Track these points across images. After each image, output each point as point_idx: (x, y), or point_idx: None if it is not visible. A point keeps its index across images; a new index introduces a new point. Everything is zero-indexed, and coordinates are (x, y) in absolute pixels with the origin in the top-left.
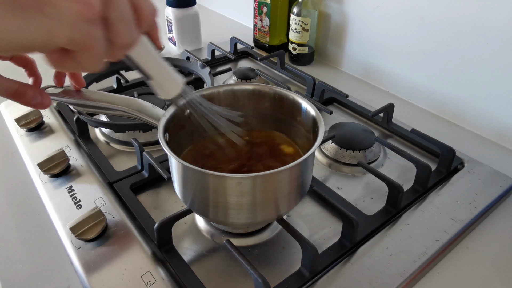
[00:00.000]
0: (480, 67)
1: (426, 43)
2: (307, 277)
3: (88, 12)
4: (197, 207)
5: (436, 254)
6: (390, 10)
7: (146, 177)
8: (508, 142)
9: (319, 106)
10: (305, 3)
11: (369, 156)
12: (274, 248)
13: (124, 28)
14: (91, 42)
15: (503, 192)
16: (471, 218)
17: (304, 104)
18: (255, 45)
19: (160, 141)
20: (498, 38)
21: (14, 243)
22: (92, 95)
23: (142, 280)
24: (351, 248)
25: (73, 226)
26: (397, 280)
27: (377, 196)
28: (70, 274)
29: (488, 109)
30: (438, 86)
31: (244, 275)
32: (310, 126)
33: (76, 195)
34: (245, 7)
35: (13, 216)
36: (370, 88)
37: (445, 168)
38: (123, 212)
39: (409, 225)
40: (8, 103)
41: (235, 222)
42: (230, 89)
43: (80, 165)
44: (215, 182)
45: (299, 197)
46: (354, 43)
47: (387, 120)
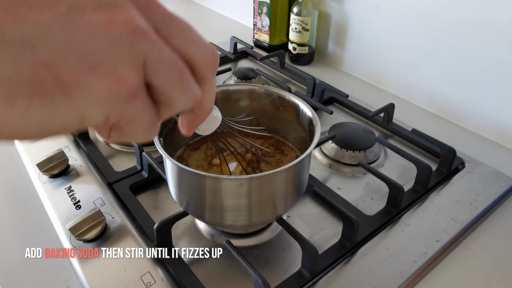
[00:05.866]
0: (481, 67)
1: (427, 43)
2: (307, 278)
3: (123, 89)
4: (193, 209)
5: (437, 254)
6: (390, 10)
7: (146, 177)
8: (508, 142)
9: (319, 106)
10: (305, 2)
11: (370, 156)
12: (274, 248)
13: (174, 91)
14: (131, 117)
15: (504, 193)
16: (471, 218)
17: (300, 105)
18: (255, 45)
19: (156, 144)
20: (498, 38)
21: (14, 243)
22: None
23: (141, 281)
24: (352, 249)
25: (72, 227)
26: (398, 281)
27: (378, 196)
28: (70, 275)
29: (489, 109)
30: (439, 86)
31: (244, 276)
32: (306, 127)
33: (76, 196)
34: (245, 6)
35: (12, 216)
36: (371, 88)
37: (445, 168)
38: (122, 213)
39: (409, 226)
40: None
41: (232, 224)
42: (226, 90)
43: (80, 165)
44: (210, 184)
45: (296, 198)
46: (355, 43)
47: (387, 120)
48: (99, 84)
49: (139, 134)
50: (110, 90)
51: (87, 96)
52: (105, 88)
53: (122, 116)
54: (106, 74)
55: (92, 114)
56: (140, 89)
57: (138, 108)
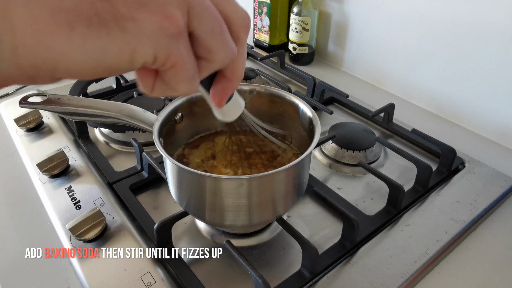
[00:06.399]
0: (481, 67)
1: (427, 43)
2: (307, 278)
3: (170, 26)
4: (193, 209)
5: (437, 254)
6: (390, 10)
7: (146, 177)
8: (509, 142)
9: (319, 106)
10: (305, 2)
11: (370, 156)
12: (274, 248)
13: (215, 42)
14: (175, 58)
15: (504, 192)
16: (472, 218)
17: (300, 105)
18: (255, 45)
19: (156, 144)
20: (498, 38)
21: (14, 244)
22: (80, 102)
23: (141, 281)
24: (352, 249)
25: (72, 227)
26: (398, 281)
27: (378, 196)
28: (70, 275)
29: (489, 108)
30: (439, 86)
31: (244, 276)
32: (307, 127)
33: (76, 196)
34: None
35: (12, 216)
36: (371, 88)
37: (446, 168)
38: (122, 213)
39: (409, 226)
40: (7, 103)
41: (232, 224)
42: None
43: (80, 165)
44: (211, 184)
45: (296, 198)
46: (355, 43)
47: (387, 120)
48: (149, 19)
49: (181, 82)
50: (159, 25)
51: (138, 30)
52: (154, 23)
53: (168, 55)
54: (155, 11)
55: (142, 49)
56: (185, 30)
57: (182, 49)
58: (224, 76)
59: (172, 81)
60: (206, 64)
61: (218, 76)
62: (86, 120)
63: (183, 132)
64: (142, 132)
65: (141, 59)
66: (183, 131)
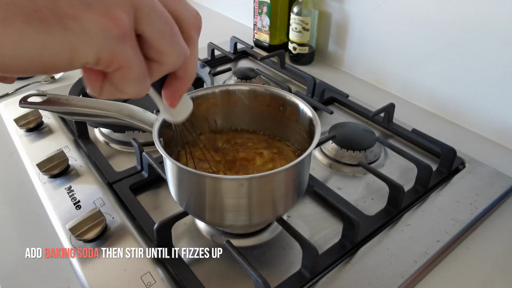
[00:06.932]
0: (481, 67)
1: (427, 43)
2: (307, 278)
3: (114, 27)
4: (193, 209)
5: (437, 254)
6: (391, 10)
7: (146, 177)
8: (509, 142)
9: (320, 106)
10: (305, 2)
11: (370, 156)
12: (275, 248)
13: (165, 44)
14: (121, 60)
15: (504, 193)
16: (472, 218)
17: (301, 105)
18: (255, 45)
19: (156, 144)
20: (499, 37)
21: (14, 244)
22: (80, 102)
23: (141, 281)
24: (352, 249)
25: (72, 227)
26: (398, 281)
27: (378, 196)
28: (70, 275)
29: (489, 108)
30: (439, 86)
31: (244, 276)
32: (307, 127)
33: (76, 196)
34: (245, 6)
35: (12, 216)
36: (371, 87)
37: (446, 168)
38: (122, 213)
39: (410, 226)
40: (7, 103)
41: (232, 224)
42: (226, 90)
43: (80, 165)
44: (211, 184)
45: (296, 198)
46: (355, 43)
47: (387, 120)
48: (93, 20)
49: (130, 85)
50: (103, 26)
51: (81, 30)
52: (98, 24)
53: (112, 57)
54: (100, 11)
55: (83, 50)
56: (130, 32)
57: (128, 51)
58: (176, 76)
59: (120, 83)
60: (157, 66)
61: (170, 76)
62: (86, 120)
63: (183, 132)
64: (142, 132)
65: (82, 60)
66: (183, 131)
